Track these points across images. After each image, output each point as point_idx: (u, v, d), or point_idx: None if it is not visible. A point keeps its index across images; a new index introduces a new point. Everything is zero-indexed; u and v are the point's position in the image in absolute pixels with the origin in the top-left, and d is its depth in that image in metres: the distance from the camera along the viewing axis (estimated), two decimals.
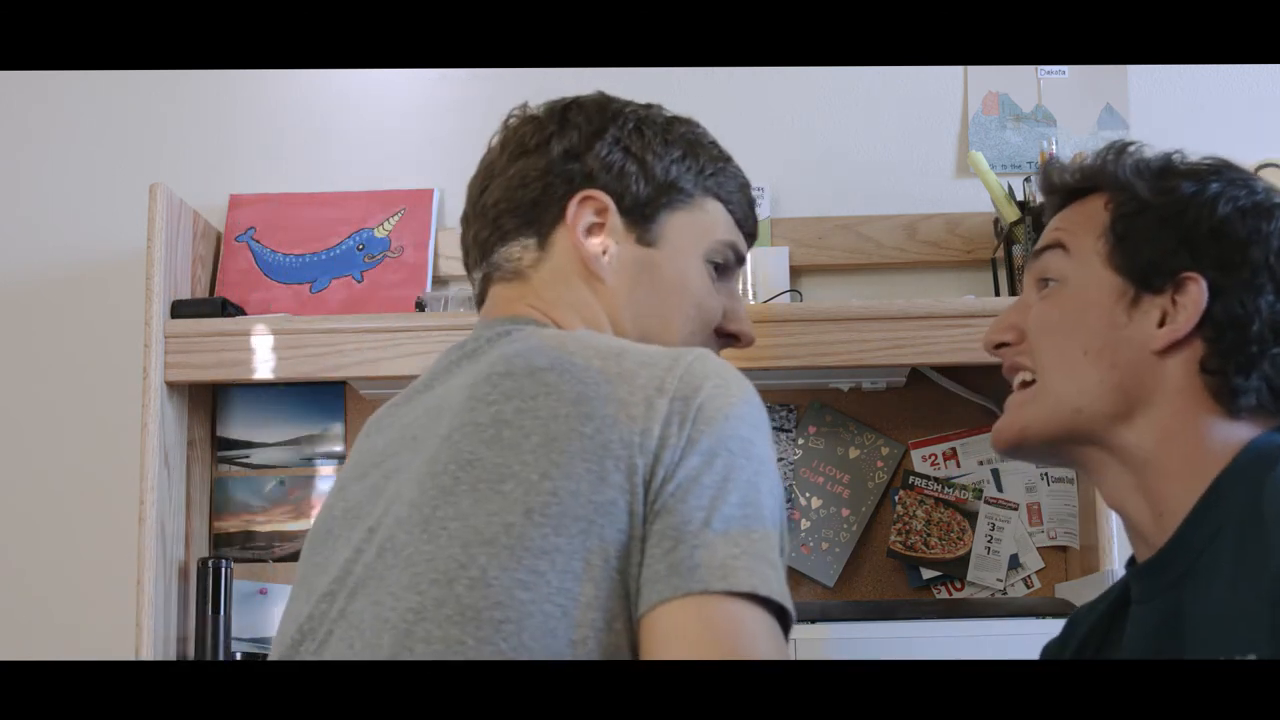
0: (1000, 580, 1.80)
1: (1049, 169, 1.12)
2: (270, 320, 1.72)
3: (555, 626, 0.80)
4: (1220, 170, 1.04)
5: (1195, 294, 0.99)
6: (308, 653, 0.90)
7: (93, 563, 1.87)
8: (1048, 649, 1.16)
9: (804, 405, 1.87)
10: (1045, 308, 1.06)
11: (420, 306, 1.77)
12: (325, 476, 1.89)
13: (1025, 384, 1.08)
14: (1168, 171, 1.05)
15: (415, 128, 1.97)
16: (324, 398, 1.90)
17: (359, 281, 1.87)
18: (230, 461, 1.89)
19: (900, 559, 1.83)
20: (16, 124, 2.01)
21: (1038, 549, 1.81)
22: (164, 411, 1.70)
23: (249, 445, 1.90)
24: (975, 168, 1.79)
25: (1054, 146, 1.82)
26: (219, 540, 1.87)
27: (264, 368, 1.69)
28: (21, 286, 1.97)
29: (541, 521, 0.82)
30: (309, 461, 1.89)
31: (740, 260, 1.14)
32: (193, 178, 1.94)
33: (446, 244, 1.89)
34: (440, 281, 1.89)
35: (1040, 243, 1.09)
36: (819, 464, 1.85)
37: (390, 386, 1.79)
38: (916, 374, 1.82)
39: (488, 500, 0.84)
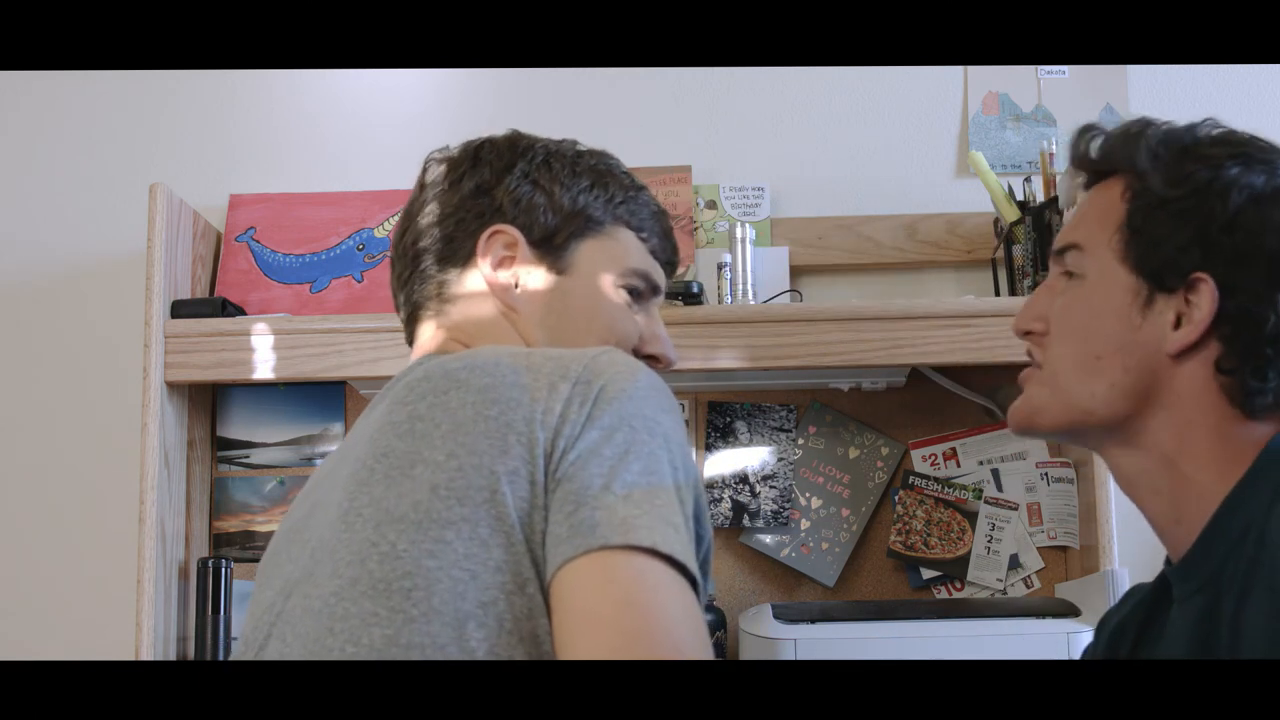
0: (1000, 580, 1.80)
1: (1079, 137, 1.08)
2: (270, 320, 1.72)
3: (464, 590, 0.82)
4: (1243, 152, 1.00)
5: (1206, 295, 0.96)
6: (247, 657, 0.93)
7: (93, 563, 1.87)
8: (1084, 654, 1.17)
9: (804, 405, 1.87)
10: (1065, 303, 1.04)
11: None
12: None
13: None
14: (1186, 155, 1.00)
15: (415, 128, 1.97)
16: (324, 398, 1.90)
17: (359, 281, 1.87)
18: (230, 461, 1.89)
19: (900, 559, 1.83)
20: (16, 124, 2.01)
21: (1038, 549, 1.81)
22: (164, 411, 1.70)
23: (249, 445, 1.90)
24: (975, 168, 1.79)
25: (1054, 146, 1.82)
26: (219, 540, 1.87)
27: (264, 368, 1.69)
28: (21, 286, 1.97)
29: (447, 495, 0.85)
30: (309, 461, 1.89)
31: (656, 289, 1.16)
32: (193, 178, 1.95)
33: None
34: None
35: (1059, 240, 1.07)
36: (819, 464, 1.85)
37: None
38: (916, 374, 1.82)
39: (398, 484, 0.87)
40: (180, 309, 1.74)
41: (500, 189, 1.10)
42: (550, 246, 1.10)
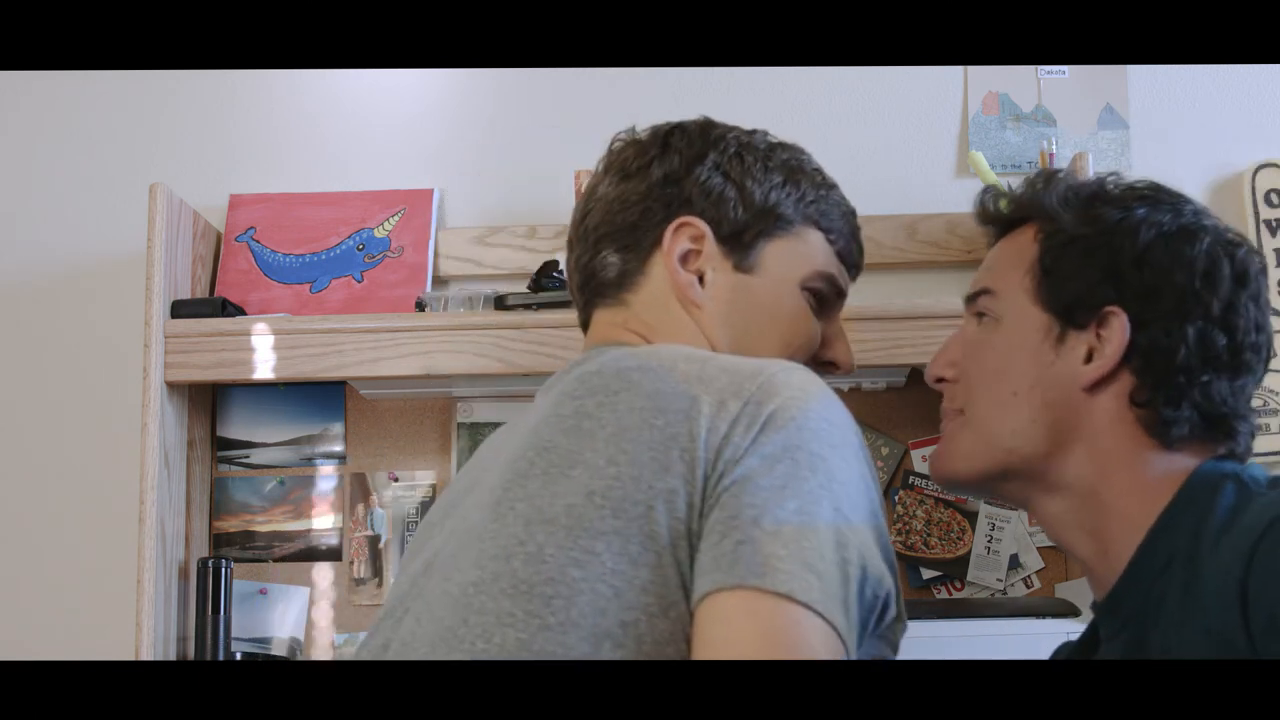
0: (1000, 580, 1.80)
1: (983, 200, 1.11)
2: (270, 320, 1.72)
3: (606, 606, 0.80)
4: (1149, 195, 1.03)
5: (1118, 328, 0.98)
6: (385, 629, 0.92)
7: (93, 563, 1.87)
8: None
9: None
10: (978, 347, 1.06)
11: (420, 306, 1.77)
12: (325, 476, 1.89)
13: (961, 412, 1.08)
14: (1096, 199, 1.03)
15: (415, 128, 1.97)
16: (324, 398, 1.90)
17: (359, 281, 1.87)
18: (230, 461, 1.89)
19: (900, 559, 1.83)
20: (16, 124, 2.01)
21: (1038, 549, 1.81)
22: (164, 411, 1.70)
23: (249, 445, 1.90)
24: (975, 168, 1.79)
25: (1054, 146, 1.82)
26: (219, 540, 1.87)
27: (264, 368, 1.69)
28: (21, 286, 1.97)
29: (601, 504, 0.82)
30: (309, 461, 1.89)
31: (840, 294, 1.13)
32: (193, 178, 1.95)
33: (446, 244, 1.89)
34: (440, 281, 1.89)
35: (971, 286, 1.09)
36: None
37: (390, 386, 1.79)
38: (916, 374, 1.82)
39: (555, 483, 0.85)
40: (180, 309, 1.74)
41: (690, 179, 1.06)
42: (738, 243, 1.06)
